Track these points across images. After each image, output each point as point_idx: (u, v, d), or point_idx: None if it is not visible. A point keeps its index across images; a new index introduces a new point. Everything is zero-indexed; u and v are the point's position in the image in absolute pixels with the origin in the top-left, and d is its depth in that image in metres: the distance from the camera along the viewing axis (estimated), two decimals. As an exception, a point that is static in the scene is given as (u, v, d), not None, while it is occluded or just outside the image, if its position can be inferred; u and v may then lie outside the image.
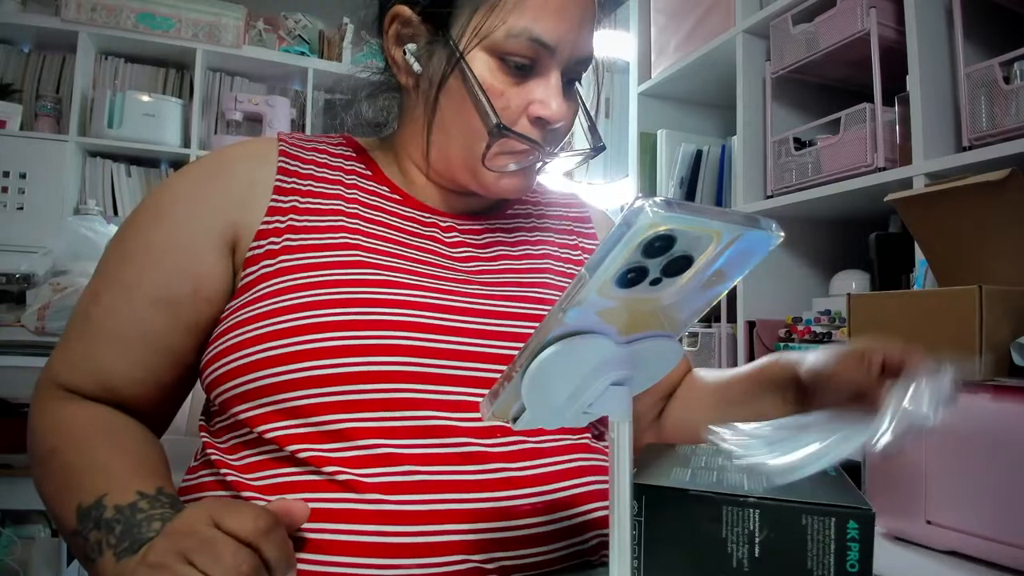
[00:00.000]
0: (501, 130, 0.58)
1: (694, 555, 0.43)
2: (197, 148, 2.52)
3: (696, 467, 0.48)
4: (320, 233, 0.60)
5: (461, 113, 0.60)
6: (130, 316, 0.59)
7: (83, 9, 2.38)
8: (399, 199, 0.66)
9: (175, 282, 0.59)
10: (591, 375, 0.36)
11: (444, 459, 0.53)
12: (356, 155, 0.69)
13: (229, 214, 0.60)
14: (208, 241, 0.60)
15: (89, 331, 0.59)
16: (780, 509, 0.41)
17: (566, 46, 0.59)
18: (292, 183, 0.62)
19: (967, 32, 1.18)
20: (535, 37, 0.57)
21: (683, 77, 1.95)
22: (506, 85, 0.59)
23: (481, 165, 0.61)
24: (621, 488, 0.36)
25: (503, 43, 0.58)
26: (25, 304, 1.41)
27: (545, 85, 0.60)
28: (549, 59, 0.59)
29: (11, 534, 1.74)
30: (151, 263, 0.60)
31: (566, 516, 0.56)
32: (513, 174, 0.62)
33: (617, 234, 0.29)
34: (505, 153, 0.61)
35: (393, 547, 0.49)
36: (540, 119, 0.60)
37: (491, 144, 0.59)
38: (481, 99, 0.58)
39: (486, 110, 0.58)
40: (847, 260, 1.58)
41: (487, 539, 0.51)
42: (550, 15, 0.58)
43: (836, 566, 0.39)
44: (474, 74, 0.58)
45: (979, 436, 0.58)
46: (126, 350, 0.58)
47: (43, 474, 0.56)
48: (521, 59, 0.58)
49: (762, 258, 0.34)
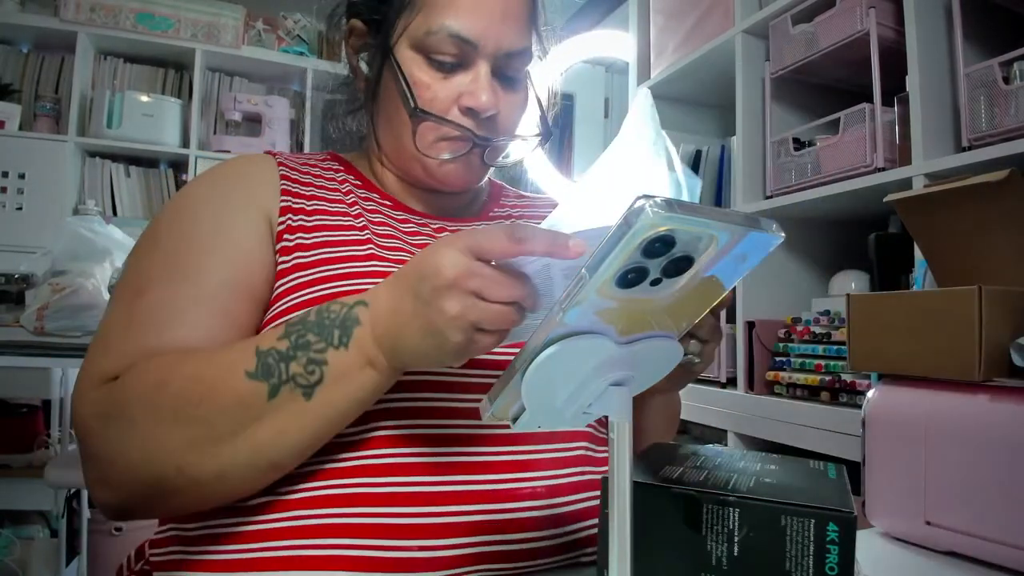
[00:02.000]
0: (419, 112, 0.62)
1: (675, 551, 0.43)
2: (196, 148, 2.51)
3: (689, 466, 0.48)
4: (331, 231, 0.61)
5: (392, 105, 0.65)
6: (200, 298, 0.55)
7: (82, 9, 2.38)
8: (390, 204, 0.69)
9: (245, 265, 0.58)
10: (590, 375, 0.36)
11: (454, 451, 0.54)
12: (344, 168, 0.72)
13: (262, 208, 0.62)
14: (258, 229, 0.60)
15: (141, 322, 0.54)
16: (759, 509, 0.41)
17: (489, 40, 0.62)
18: (296, 188, 0.65)
19: (967, 32, 1.18)
20: (454, 33, 0.61)
21: (682, 77, 1.95)
22: (434, 79, 0.62)
23: (418, 152, 0.64)
24: (621, 488, 0.36)
25: (425, 40, 0.62)
26: (24, 304, 1.41)
27: (473, 77, 0.63)
28: (474, 53, 0.62)
29: (10, 534, 1.74)
30: (209, 250, 0.58)
31: (562, 502, 0.56)
32: (454, 162, 0.65)
33: (617, 234, 0.29)
34: (441, 140, 0.64)
35: (399, 530, 0.50)
36: (470, 109, 0.63)
37: (414, 128, 0.63)
38: (402, 87, 0.62)
39: (406, 97, 0.62)
40: (847, 260, 1.58)
41: (485, 532, 0.52)
42: (469, 12, 0.61)
43: (815, 568, 0.39)
44: (398, 65, 0.62)
45: (979, 436, 0.58)
46: (194, 327, 0.54)
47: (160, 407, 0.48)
48: (445, 55, 0.62)
49: (763, 259, 0.34)
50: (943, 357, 0.62)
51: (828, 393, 1.34)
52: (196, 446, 0.47)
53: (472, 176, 0.68)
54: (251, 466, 0.48)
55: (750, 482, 0.44)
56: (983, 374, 0.59)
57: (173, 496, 0.50)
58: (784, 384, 1.45)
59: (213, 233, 0.59)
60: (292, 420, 0.47)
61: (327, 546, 0.49)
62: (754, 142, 1.65)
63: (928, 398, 0.63)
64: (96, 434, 0.50)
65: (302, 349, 0.47)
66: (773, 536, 0.40)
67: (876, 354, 0.70)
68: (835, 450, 1.26)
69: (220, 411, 0.47)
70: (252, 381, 0.47)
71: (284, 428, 0.47)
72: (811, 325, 1.44)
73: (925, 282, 0.98)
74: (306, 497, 0.51)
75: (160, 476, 0.48)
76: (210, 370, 0.48)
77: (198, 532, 0.53)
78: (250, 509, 0.52)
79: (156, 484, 0.49)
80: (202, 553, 0.51)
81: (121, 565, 0.63)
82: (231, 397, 0.47)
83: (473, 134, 0.64)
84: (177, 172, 2.60)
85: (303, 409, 0.47)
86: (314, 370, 0.47)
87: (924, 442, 0.62)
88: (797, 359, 1.43)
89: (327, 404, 0.48)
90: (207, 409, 0.47)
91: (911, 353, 0.66)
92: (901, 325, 0.67)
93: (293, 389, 0.47)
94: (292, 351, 0.47)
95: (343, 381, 0.47)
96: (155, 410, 0.48)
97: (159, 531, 0.57)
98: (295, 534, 0.50)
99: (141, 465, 0.49)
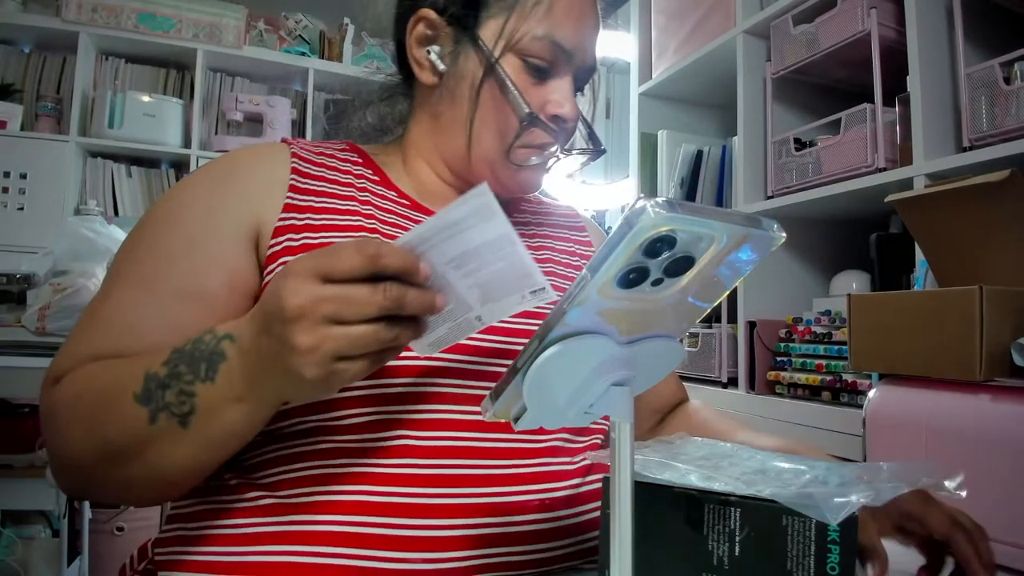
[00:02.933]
0: (532, 118, 0.62)
1: (676, 551, 0.43)
2: (198, 148, 2.51)
3: (692, 465, 0.48)
4: (340, 232, 0.60)
5: (494, 107, 0.64)
6: (153, 307, 0.55)
7: (84, 9, 2.38)
8: (407, 204, 0.67)
9: (205, 274, 0.57)
10: (592, 375, 0.36)
11: (455, 452, 0.54)
12: (362, 161, 0.70)
13: (249, 211, 0.60)
14: (234, 235, 0.59)
15: (96, 326, 0.55)
16: (760, 509, 0.41)
17: (580, 52, 0.64)
18: (307, 184, 0.63)
19: (967, 32, 1.18)
20: (556, 41, 0.62)
21: (684, 77, 1.95)
22: (526, 84, 0.63)
23: (505, 157, 0.64)
24: (622, 488, 0.36)
25: (527, 46, 0.62)
26: (25, 304, 1.41)
27: (561, 86, 0.64)
28: (565, 63, 0.64)
29: (11, 534, 1.74)
30: (175, 258, 0.57)
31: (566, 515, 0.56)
32: (531, 168, 0.66)
33: (619, 234, 0.29)
34: (527, 147, 0.64)
35: (398, 540, 0.50)
36: (556, 117, 0.64)
37: (521, 132, 0.63)
38: (514, 93, 0.62)
39: (519, 102, 0.62)
40: (847, 260, 1.58)
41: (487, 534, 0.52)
42: (571, 23, 0.62)
43: (816, 568, 0.39)
44: (506, 72, 0.62)
45: (979, 435, 0.58)
46: (140, 339, 0.54)
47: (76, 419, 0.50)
48: (541, 61, 0.63)
49: (764, 258, 0.34)
50: (944, 357, 0.62)
51: (829, 393, 1.34)
52: (103, 459, 0.49)
53: (540, 183, 0.69)
54: (150, 481, 0.50)
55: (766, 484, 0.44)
56: (984, 374, 0.59)
57: (100, 491, 0.53)
58: (785, 384, 1.45)
59: (185, 240, 0.58)
60: (173, 446, 0.48)
61: (331, 554, 0.49)
62: (755, 142, 1.65)
63: (929, 398, 0.63)
64: (44, 432, 0.53)
65: (175, 379, 0.47)
66: (774, 536, 0.40)
67: (877, 354, 0.70)
68: (836, 450, 1.26)
69: (115, 431, 0.48)
70: (137, 405, 0.47)
71: (167, 452, 0.48)
72: (812, 325, 1.44)
73: (926, 282, 0.98)
74: (310, 502, 0.51)
75: (85, 476, 0.51)
76: (112, 387, 0.49)
77: (201, 532, 0.53)
78: (254, 511, 0.52)
79: (84, 481, 0.52)
80: (203, 554, 0.52)
81: (124, 564, 0.64)
82: (121, 419, 0.48)
83: (560, 140, 0.65)
84: (179, 172, 2.60)
85: (181, 436, 0.47)
86: (184, 401, 0.46)
87: (924, 441, 0.62)
88: (798, 359, 1.44)
89: (202, 433, 0.47)
90: (106, 427, 0.48)
91: (912, 353, 0.66)
92: (902, 325, 0.67)
93: (169, 417, 0.47)
94: (167, 379, 0.47)
95: (213, 414, 0.47)
96: (72, 421, 0.50)
97: (163, 530, 0.57)
98: (299, 539, 0.50)
99: (71, 466, 0.52)
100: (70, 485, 0.54)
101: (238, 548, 0.51)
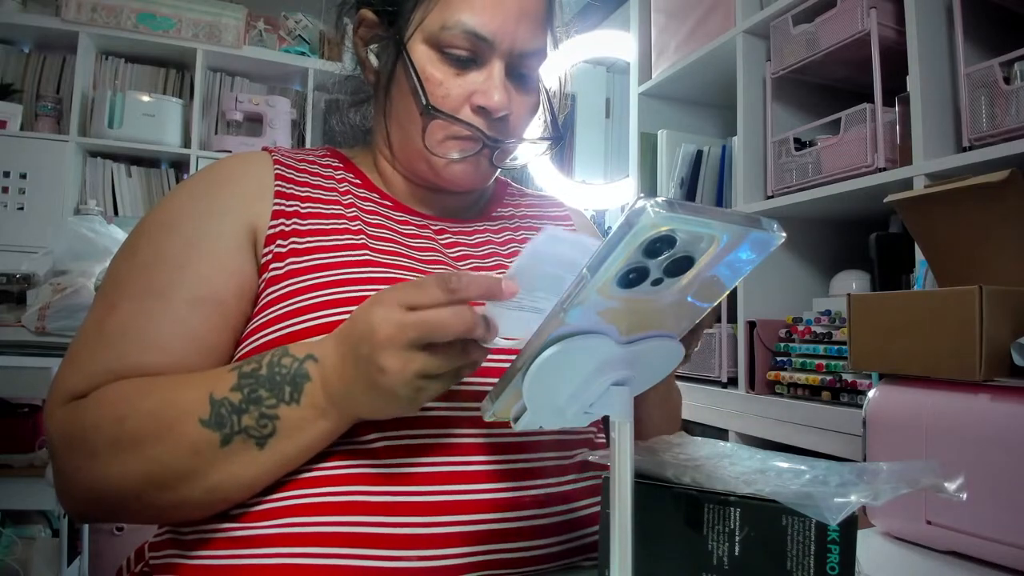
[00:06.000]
0: (430, 110, 0.61)
1: (676, 551, 0.43)
2: (198, 148, 2.51)
3: (693, 464, 0.48)
4: (326, 235, 0.60)
5: (402, 100, 0.64)
6: (169, 317, 0.55)
7: (83, 9, 2.38)
8: (390, 204, 0.68)
9: (217, 280, 0.57)
10: (592, 375, 0.36)
11: (455, 449, 0.54)
12: (343, 165, 0.70)
13: (245, 214, 0.60)
14: (235, 238, 0.59)
15: (108, 341, 0.54)
16: (760, 508, 0.41)
17: (504, 39, 0.61)
18: (291, 189, 0.63)
19: (967, 32, 1.18)
20: (469, 29, 0.60)
21: (683, 77, 1.95)
22: (447, 75, 0.62)
23: (426, 150, 0.63)
24: (622, 488, 0.36)
25: (440, 35, 0.61)
26: (25, 304, 1.41)
27: (486, 76, 0.62)
28: (488, 51, 0.61)
29: (11, 534, 1.74)
30: (183, 265, 0.57)
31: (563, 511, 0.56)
32: (462, 162, 0.64)
33: (619, 234, 0.29)
34: (450, 139, 0.63)
35: (396, 538, 0.50)
36: (482, 108, 0.62)
37: (424, 126, 0.62)
38: (415, 83, 0.61)
39: (418, 94, 0.61)
40: (847, 260, 1.58)
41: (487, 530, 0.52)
42: (485, 8, 0.60)
43: (816, 568, 0.39)
44: (411, 61, 0.61)
45: (979, 436, 0.58)
46: (162, 352, 0.54)
47: (118, 444, 0.49)
48: (459, 51, 0.61)
49: (763, 258, 0.34)
50: (944, 357, 0.62)
51: (829, 393, 1.34)
52: (153, 482, 0.49)
53: (479, 177, 0.66)
54: (206, 500, 0.50)
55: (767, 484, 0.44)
56: (984, 374, 0.59)
57: (133, 517, 0.53)
58: (785, 384, 1.45)
59: (188, 245, 0.58)
60: (244, 467, 0.49)
61: (326, 555, 0.49)
62: (755, 142, 1.64)
63: (929, 398, 0.63)
64: (60, 455, 0.52)
65: (254, 403, 0.48)
66: (774, 536, 0.40)
67: (877, 354, 0.70)
68: (836, 450, 1.26)
69: (175, 455, 0.48)
70: (206, 429, 0.48)
71: (237, 473, 0.49)
72: (812, 325, 1.44)
73: (926, 282, 0.98)
74: (304, 504, 0.51)
75: (121, 501, 0.51)
76: (168, 410, 0.49)
77: (194, 536, 0.52)
78: (247, 515, 0.51)
79: (116, 507, 0.52)
80: (198, 557, 0.51)
81: (121, 566, 0.63)
82: (185, 442, 0.48)
83: (484, 134, 0.63)
84: (178, 172, 2.60)
85: (255, 457, 0.49)
86: (266, 424, 0.48)
87: (925, 442, 0.62)
88: (798, 359, 1.43)
89: (279, 452, 0.49)
90: (162, 450, 0.48)
91: (912, 353, 0.66)
92: (902, 325, 0.67)
93: (246, 440, 0.48)
94: (244, 404, 0.48)
95: (296, 433, 0.49)
96: (115, 444, 0.49)
97: (157, 534, 0.57)
98: (293, 541, 0.49)
99: (103, 492, 0.51)
100: (93, 512, 0.53)
101: (233, 552, 0.50)
